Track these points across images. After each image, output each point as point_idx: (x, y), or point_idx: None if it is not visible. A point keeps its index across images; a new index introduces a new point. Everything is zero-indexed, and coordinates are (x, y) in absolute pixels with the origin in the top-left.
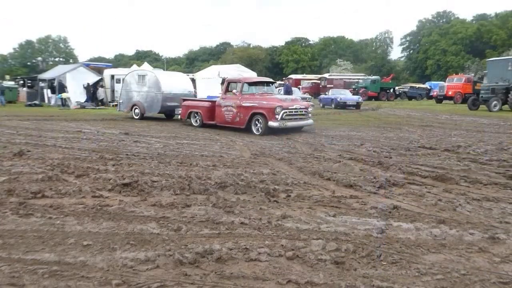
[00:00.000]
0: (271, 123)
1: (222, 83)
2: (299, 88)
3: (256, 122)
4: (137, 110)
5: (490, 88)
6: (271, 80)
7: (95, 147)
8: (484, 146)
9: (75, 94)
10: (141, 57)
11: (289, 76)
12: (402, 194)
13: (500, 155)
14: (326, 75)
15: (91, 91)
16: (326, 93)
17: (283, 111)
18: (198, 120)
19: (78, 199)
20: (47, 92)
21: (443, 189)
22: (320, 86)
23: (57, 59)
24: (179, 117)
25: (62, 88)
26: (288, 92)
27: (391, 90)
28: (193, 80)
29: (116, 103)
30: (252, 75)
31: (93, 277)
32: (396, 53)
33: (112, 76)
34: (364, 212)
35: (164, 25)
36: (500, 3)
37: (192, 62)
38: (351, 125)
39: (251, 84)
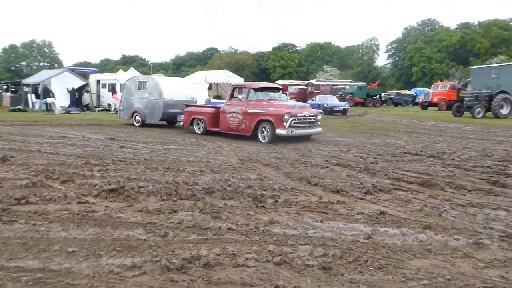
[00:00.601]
0: (279, 131)
1: (209, 88)
2: (286, 94)
3: (263, 129)
4: (137, 117)
5: (474, 95)
6: (278, 86)
7: (80, 152)
8: (468, 152)
9: (60, 99)
10: (127, 62)
11: (276, 82)
12: (388, 200)
13: (484, 162)
14: (313, 81)
15: (76, 95)
16: (313, 99)
17: (292, 118)
18: (201, 127)
19: (63, 205)
20: (31, 97)
21: (428, 195)
22: (307, 92)
23: (41, 64)
24: (181, 123)
25: (47, 93)
26: None
27: (377, 96)
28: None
29: (101, 108)
30: (239, 81)
31: (79, 284)
32: (382, 60)
33: (98, 81)
34: (351, 218)
35: (150, 30)
36: (483, 12)
37: (178, 67)
38: (338, 131)
39: (258, 89)
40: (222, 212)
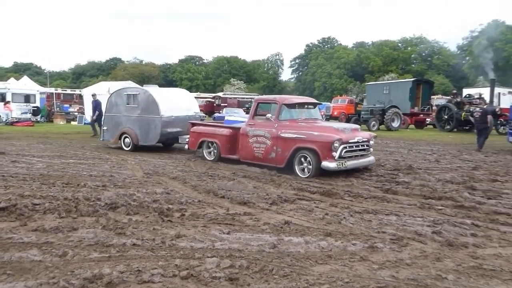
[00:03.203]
0: (326, 164)
1: None
2: None
3: (301, 160)
4: (127, 140)
5: (369, 109)
6: (315, 101)
7: None
8: None
9: None
10: (20, 70)
11: None
12: (293, 210)
13: (378, 171)
14: (220, 94)
15: None
16: (220, 111)
17: (343, 146)
18: (213, 153)
19: None
20: None
21: (329, 204)
22: (214, 104)
23: None
24: (186, 146)
25: None
26: (94, 111)
27: None
28: (80, 96)
29: None
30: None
31: None
32: (286, 75)
33: None
34: (258, 228)
35: (46, 36)
36: (375, 33)
37: (79, 77)
38: None
39: (291, 106)
40: (127, 228)
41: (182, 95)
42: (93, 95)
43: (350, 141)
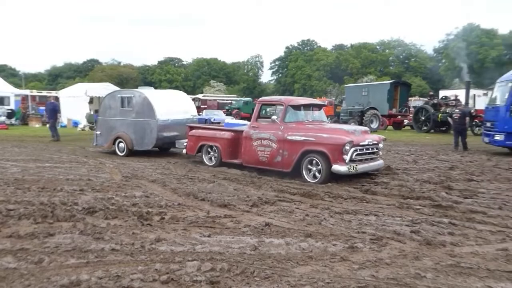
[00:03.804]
0: (337, 167)
1: (91, 102)
2: None
3: (309, 164)
4: (121, 144)
5: (348, 111)
6: (320, 102)
7: None
8: None
9: None
10: None
11: None
12: (273, 211)
13: None
14: (199, 96)
15: None
16: (200, 113)
17: (353, 149)
18: (213, 158)
19: None
20: None
21: (310, 205)
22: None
23: None
24: (184, 151)
25: None
26: (54, 113)
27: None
28: (56, 99)
29: None
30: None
31: None
32: (266, 76)
33: None
34: (238, 231)
35: (21, 37)
36: (354, 36)
37: (55, 79)
38: None
39: (297, 107)
40: (105, 232)
41: (179, 98)
42: (49, 97)
43: (360, 143)
